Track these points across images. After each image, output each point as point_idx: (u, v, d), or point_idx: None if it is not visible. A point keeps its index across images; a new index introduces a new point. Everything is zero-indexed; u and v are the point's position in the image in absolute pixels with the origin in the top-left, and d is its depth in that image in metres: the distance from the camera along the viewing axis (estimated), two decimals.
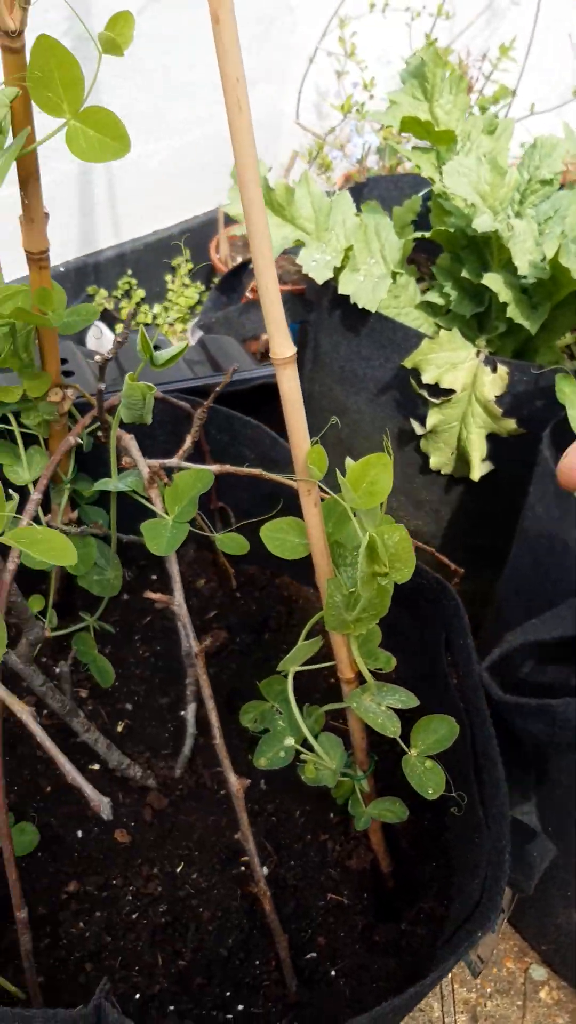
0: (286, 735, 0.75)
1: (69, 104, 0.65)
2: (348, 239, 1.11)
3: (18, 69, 0.67)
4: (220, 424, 0.99)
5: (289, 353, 0.59)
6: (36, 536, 0.49)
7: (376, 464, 0.61)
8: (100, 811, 0.35)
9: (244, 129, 0.50)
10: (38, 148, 0.69)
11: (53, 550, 0.48)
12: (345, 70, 1.64)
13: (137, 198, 1.71)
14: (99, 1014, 0.58)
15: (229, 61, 0.48)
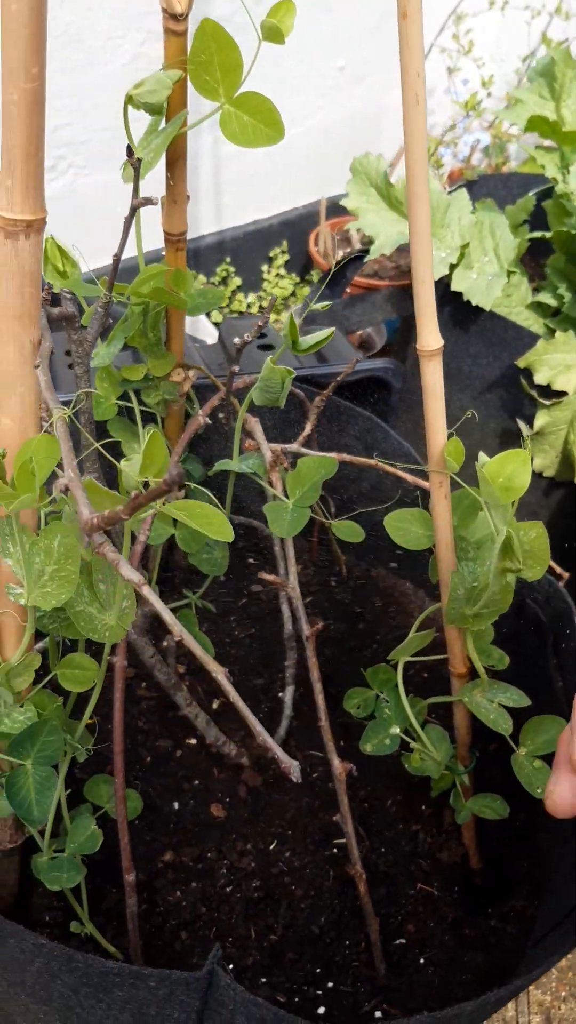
0: (392, 723, 0.76)
1: (225, 89, 0.67)
2: (464, 237, 1.11)
3: (179, 52, 0.69)
4: (329, 414, 1.00)
5: (437, 346, 0.60)
6: (196, 509, 0.51)
7: (515, 460, 0.61)
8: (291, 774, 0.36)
9: (419, 122, 0.51)
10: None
11: (212, 524, 0.50)
12: (457, 67, 1.64)
13: (240, 187, 1.73)
14: (211, 979, 0.59)
15: (413, 56, 0.49)
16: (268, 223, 1.80)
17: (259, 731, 0.38)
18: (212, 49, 0.66)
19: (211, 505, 0.91)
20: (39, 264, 0.52)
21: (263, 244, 1.82)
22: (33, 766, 0.64)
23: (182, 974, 0.59)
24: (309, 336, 0.67)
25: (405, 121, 0.51)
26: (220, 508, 0.89)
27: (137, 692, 0.93)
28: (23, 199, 0.49)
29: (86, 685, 0.65)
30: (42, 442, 0.46)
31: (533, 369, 1.03)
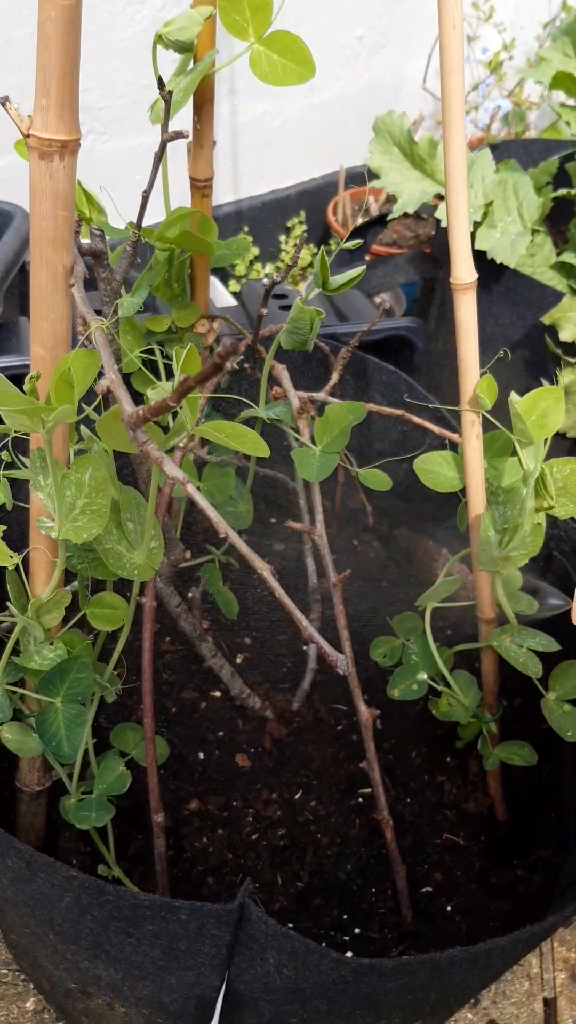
0: (419, 669, 0.76)
1: (255, 28, 0.66)
2: (487, 195, 1.10)
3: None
4: (355, 369, 1.00)
5: (471, 279, 0.59)
6: (228, 429, 0.51)
7: (548, 396, 0.61)
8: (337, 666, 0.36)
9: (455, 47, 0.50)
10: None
11: (247, 442, 0.49)
12: (476, 34, 1.62)
13: (257, 156, 1.72)
14: (243, 912, 0.60)
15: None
16: (286, 193, 1.79)
17: (305, 625, 0.38)
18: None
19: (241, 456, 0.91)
20: (73, 187, 0.52)
21: (281, 214, 1.81)
22: (63, 703, 0.64)
23: (213, 907, 0.59)
24: (340, 276, 0.66)
25: (442, 46, 0.51)
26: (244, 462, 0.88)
27: (161, 646, 0.94)
28: (58, 119, 0.49)
29: (115, 624, 0.65)
30: (80, 354, 0.46)
31: (558, 326, 1.02)
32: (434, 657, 0.74)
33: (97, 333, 0.46)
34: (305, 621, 0.39)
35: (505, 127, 1.68)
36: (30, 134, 0.49)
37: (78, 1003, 0.73)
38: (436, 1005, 0.69)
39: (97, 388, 0.43)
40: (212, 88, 0.73)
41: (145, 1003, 0.67)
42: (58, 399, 0.45)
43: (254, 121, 1.66)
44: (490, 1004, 0.89)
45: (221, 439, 0.48)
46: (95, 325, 0.46)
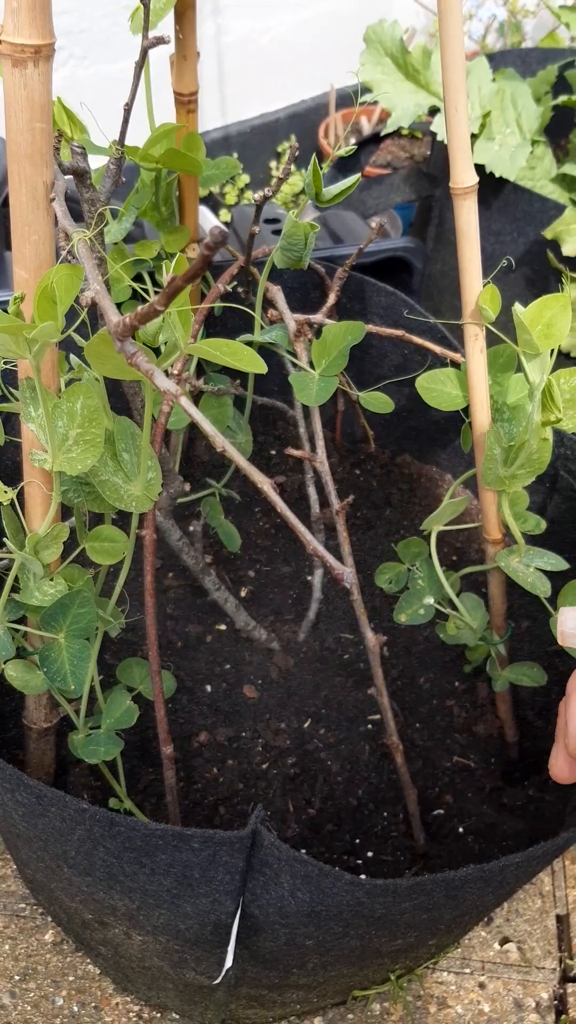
0: (426, 593, 0.75)
1: None
2: (484, 106, 1.06)
3: None
4: (352, 292, 0.97)
5: (472, 182, 0.57)
6: (223, 346, 0.49)
7: (554, 305, 0.59)
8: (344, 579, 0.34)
9: None
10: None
11: (244, 359, 0.47)
12: None
13: (244, 78, 1.66)
14: (255, 839, 0.59)
15: None
16: (275, 116, 1.73)
17: (308, 539, 0.37)
18: None
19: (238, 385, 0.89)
20: (50, 97, 0.49)
21: (271, 139, 1.75)
22: (66, 639, 0.63)
23: (226, 834, 0.59)
24: (334, 186, 0.63)
25: None
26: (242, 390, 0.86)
27: (164, 582, 0.93)
28: (30, 21, 0.46)
29: (116, 557, 0.64)
30: (63, 269, 0.44)
31: (561, 240, 0.99)
32: (440, 580, 0.73)
33: (80, 245, 0.44)
34: (309, 535, 0.37)
35: (501, 38, 1.62)
36: (1, 40, 0.47)
37: (96, 933, 0.73)
38: (451, 924, 0.70)
39: (81, 300, 0.41)
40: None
41: (161, 931, 0.67)
42: (41, 316, 0.43)
43: (240, 40, 1.60)
44: (503, 922, 0.90)
45: (216, 356, 0.46)
46: (77, 237, 0.44)
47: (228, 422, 0.84)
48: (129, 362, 0.38)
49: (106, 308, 0.40)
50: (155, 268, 0.86)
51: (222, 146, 1.67)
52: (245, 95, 1.69)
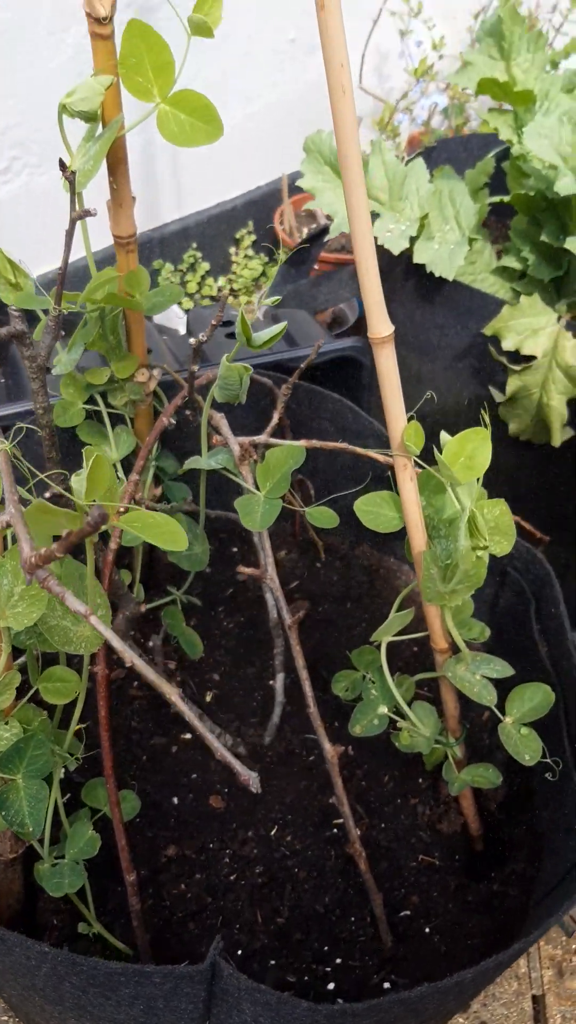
0: (379, 703, 0.77)
1: (159, 88, 0.66)
2: (423, 208, 1.10)
3: (108, 55, 0.68)
4: (300, 398, 1.00)
5: (387, 332, 0.60)
6: (149, 520, 0.51)
7: (474, 439, 0.62)
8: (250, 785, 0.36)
9: (347, 111, 0.50)
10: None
11: (166, 535, 0.50)
12: (409, 29, 1.62)
13: (200, 170, 1.71)
14: (214, 970, 0.61)
15: (334, 48, 0.48)
16: (232, 204, 1.78)
17: (216, 747, 0.39)
18: (142, 50, 0.65)
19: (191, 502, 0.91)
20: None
21: (229, 226, 1.80)
22: (24, 780, 0.65)
23: (185, 969, 0.60)
24: (262, 332, 0.67)
25: (334, 112, 0.51)
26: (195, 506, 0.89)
27: (129, 692, 0.94)
28: None
29: (69, 697, 0.66)
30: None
31: (500, 336, 1.02)
32: (392, 691, 0.75)
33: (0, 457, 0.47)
34: (216, 743, 0.39)
35: (446, 119, 1.67)
36: None
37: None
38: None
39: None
40: (125, 148, 0.72)
41: None
42: None
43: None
44: (480, 1007, 0.91)
45: (140, 533, 0.49)
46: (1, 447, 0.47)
47: None
48: (42, 586, 0.40)
49: (20, 536, 0.42)
50: (108, 391, 0.89)
51: (181, 236, 1.72)
52: (201, 186, 1.74)
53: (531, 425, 1.09)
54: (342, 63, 0.49)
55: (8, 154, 1.37)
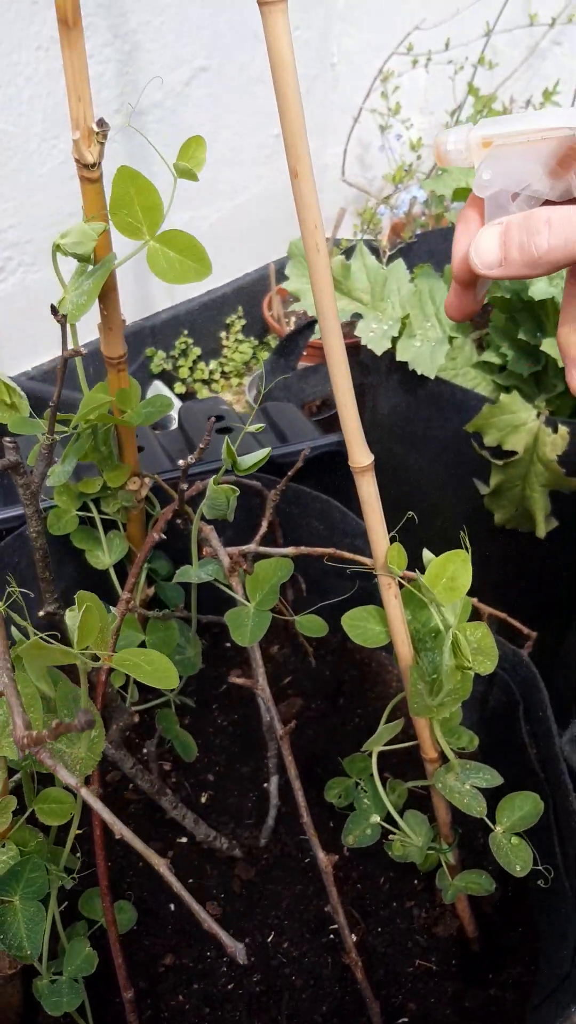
0: (371, 813, 0.77)
1: (148, 227, 0.70)
2: (404, 308, 1.14)
3: (97, 196, 0.71)
4: (289, 497, 1.02)
5: (367, 462, 0.62)
6: (139, 659, 0.53)
7: (455, 560, 0.64)
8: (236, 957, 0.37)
9: (322, 268, 0.53)
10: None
11: (157, 673, 0.51)
12: (388, 124, 1.68)
13: None
14: None
15: (308, 212, 0.51)
16: (221, 292, 1.83)
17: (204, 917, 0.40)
18: (131, 193, 0.69)
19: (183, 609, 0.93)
20: None
21: (219, 312, 1.85)
22: (21, 902, 0.65)
23: None
24: (247, 457, 0.69)
25: (310, 268, 0.54)
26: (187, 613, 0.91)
27: (124, 795, 0.95)
28: None
29: (64, 818, 0.67)
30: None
31: (482, 432, 1.05)
32: (384, 801, 0.76)
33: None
34: (204, 913, 0.40)
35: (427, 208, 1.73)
36: None
37: None
38: None
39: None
40: (115, 278, 0.75)
41: None
42: None
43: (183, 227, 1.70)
44: None
45: (132, 673, 0.50)
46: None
47: (175, 644, 0.88)
48: (35, 757, 0.41)
49: (13, 709, 0.44)
50: (101, 498, 0.92)
51: (172, 324, 1.76)
52: None
53: (515, 515, 1.12)
54: (316, 225, 0.52)
55: (3, 255, 1.41)
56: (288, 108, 0.49)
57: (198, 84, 1.60)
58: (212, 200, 1.73)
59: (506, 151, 0.49)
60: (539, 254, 0.47)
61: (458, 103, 1.65)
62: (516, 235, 0.48)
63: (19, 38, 1.29)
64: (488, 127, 0.49)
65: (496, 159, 0.49)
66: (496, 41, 1.65)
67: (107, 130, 0.67)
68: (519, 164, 0.48)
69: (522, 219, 0.48)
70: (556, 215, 0.47)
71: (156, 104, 1.54)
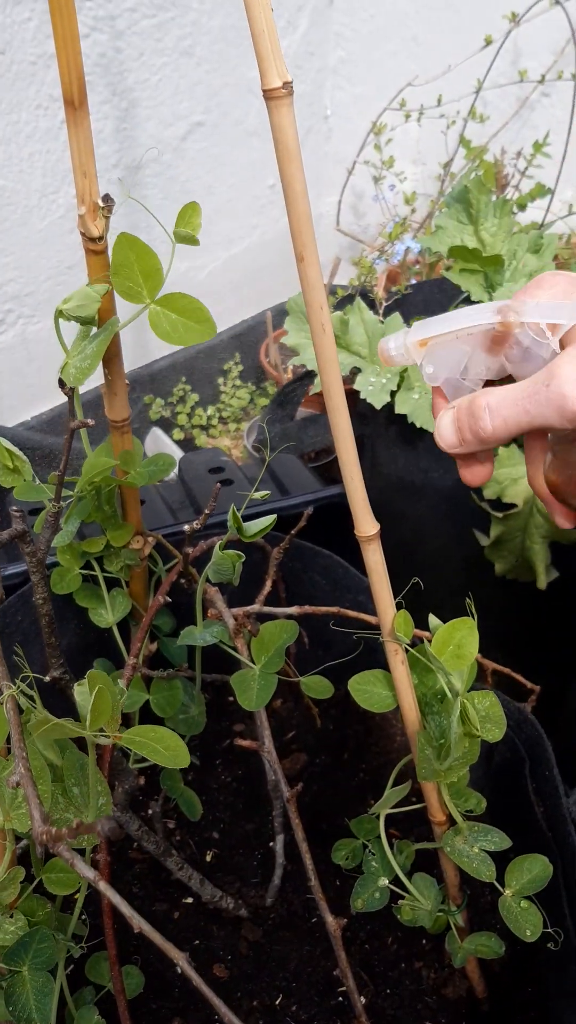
0: (380, 875, 0.77)
1: (149, 291, 0.71)
2: None
3: (102, 267, 0.72)
4: (292, 552, 1.03)
5: (373, 531, 0.63)
6: (149, 736, 0.53)
7: (461, 628, 0.64)
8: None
9: (328, 347, 0.54)
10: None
11: (170, 753, 0.52)
12: (382, 175, 1.71)
13: None
14: None
15: (314, 293, 0.52)
16: (218, 339, 1.85)
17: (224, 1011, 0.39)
18: (131, 258, 0.70)
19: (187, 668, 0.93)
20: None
21: (216, 359, 1.86)
22: (29, 972, 0.65)
23: None
24: (253, 523, 0.69)
25: (316, 346, 0.55)
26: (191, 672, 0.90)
27: (130, 855, 0.94)
28: None
29: (71, 888, 0.66)
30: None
31: (481, 486, 1.06)
32: (392, 864, 0.75)
33: (8, 702, 0.49)
34: (224, 1007, 0.40)
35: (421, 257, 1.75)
36: None
37: None
38: None
39: (7, 782, 0.45)
40: (119, 343, 0.76)
41: None
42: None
43: (180, 278, 1.72)
44: None
45: (141, 751, 0.50)
46: (7, 693, 0.49)
47: (179, 703, 0.88)
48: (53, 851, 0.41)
49: (31, 801, 0.44)
50: (104, 556, 0.92)
51: (170, 371, 1.77)
52: None
53: (516, 566, 1.12)
54: (321, 306, 0.53)
55: (3, 307, 1.43)
56: (294, 198, 0.50)
57: (194, 139, 1.62)
58: (209, 250, 1.75)
59: (441, 346, 0.54)
60: (486, 436, 0.52)
61: (450, 155, 1.68)
62: (464, 420, 0.53)
63: (19, 98, 1.31)
64: (420, 331, 0.55)
65: (434, 355, 0.55)
66: (486, 94, 1.69)
67: (112, 205, 0.69)
68: (455, 355, 0.54)
69: (467, 405, 0.53)
70: (494, 399, 0.51)
71: (153, 159, 1.57)
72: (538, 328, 0.51)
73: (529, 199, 1.55)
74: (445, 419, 0.56)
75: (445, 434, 0.56)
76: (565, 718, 1.13)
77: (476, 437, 0.53)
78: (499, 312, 0.52)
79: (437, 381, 0.57)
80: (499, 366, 0.54)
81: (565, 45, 1.59)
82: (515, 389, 0.51)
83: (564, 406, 0.47)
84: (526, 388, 0.50)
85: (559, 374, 0.48)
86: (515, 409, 0.50)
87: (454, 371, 0.55)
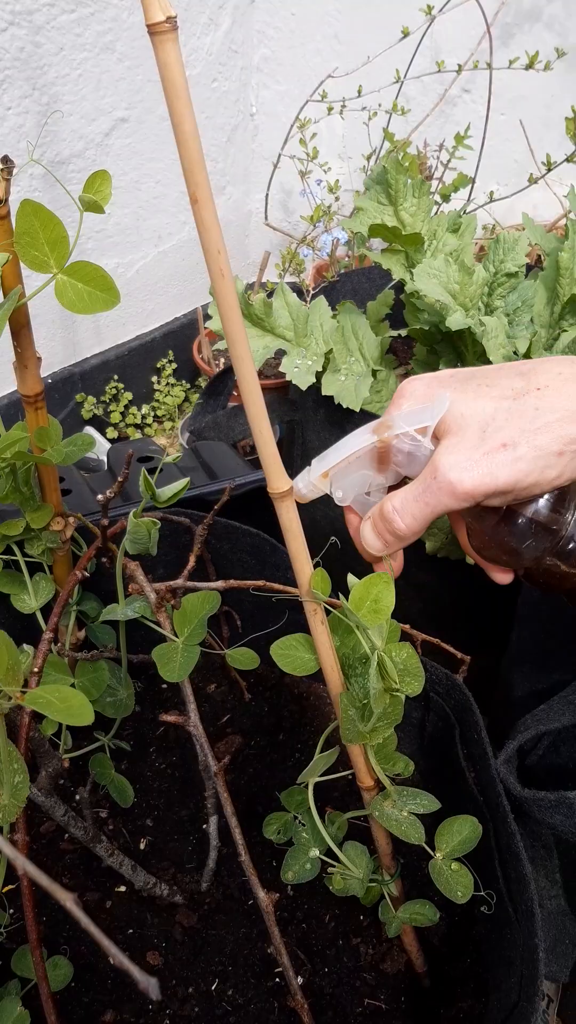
0: (310, 846, 0.76)
1: (56, 260, 0.69)
2: (327, 343, 1.15)
3: (5, 235, 0.71)
4: (220, 533, 1.02)
5: (286, 487, 0.62)
6: (52, 696, 0.51)
7: (378, 582, 0.63)
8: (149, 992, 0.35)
9: (228, 293, 0.53)
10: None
11: (70, 709, 0.50)
12: (308, 169, 1.71)
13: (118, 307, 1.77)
14: None
15: (210, 237, 0.51)
16: (151, 336, 1.83)
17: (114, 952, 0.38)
18: (36, 226, 0.68)
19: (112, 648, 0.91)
20: None
21: (149, 357, 1.85)
22: None
23: None
24: (166, 488, 0.68)
25: (215, 293, 0.54)
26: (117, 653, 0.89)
27: (60, 846, 0.92)
28: None
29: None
30: None
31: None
32: (322, 833, 0.74)
33: None
34: (114, 948, 0.39)
35: (349, 249, 1.76)
36: None
37: None
38: None
39: None
40: (27, 313, 0.75)
41: None
42: None
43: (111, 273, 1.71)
44: None
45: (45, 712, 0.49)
46: None
47: (104, 685, 0.86)
48: None
49: None
50: (25, 540, 0.90)
51: (102, 370, 1.76)
52: (119, 321, 1.79)
53: (446, 543, 1.12)
54: (219, 250, 0.52)
55: None
56: (184, 135, 0.49)
57: (118, 135, 1.61)
58: (138, 246, 1.74)
59: (341, 473, 0.63)
60: (403, 533, 0.61)
61: (374, 147, 1.69)
62: (381, 526, 0.62)
63: None
64: (319, 466, 0.63)
65: (337, 481, 0.63)
66: (408, 89, 1.71)
67: (12, 167, 0.67)
68: (355, 476, 0.63)
69: (379, 513, 0.62)
70: (398, 502, 0.60)
71: (77, 154, 1.55)
72: (409, 435, 0.59)
73: (452, 189, 1.57)
74: (366, 529, 0.64)
75: (370, 541, 0.64)
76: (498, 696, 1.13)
77: (395, 536, 0.61)
78: (375, 431, 0.60)
79: (347, 502, 0.64)
80: (394, 474, 0.63)
81: (481, 39, 1.62)
82: (411, 489, 0.59)
83: (454, 491, 0.56)
84: (419, 485, 0.58)
85: (440, 466, 0.56)
86: (417, 504, 0.59)
87: (360, 489, 0.64)
